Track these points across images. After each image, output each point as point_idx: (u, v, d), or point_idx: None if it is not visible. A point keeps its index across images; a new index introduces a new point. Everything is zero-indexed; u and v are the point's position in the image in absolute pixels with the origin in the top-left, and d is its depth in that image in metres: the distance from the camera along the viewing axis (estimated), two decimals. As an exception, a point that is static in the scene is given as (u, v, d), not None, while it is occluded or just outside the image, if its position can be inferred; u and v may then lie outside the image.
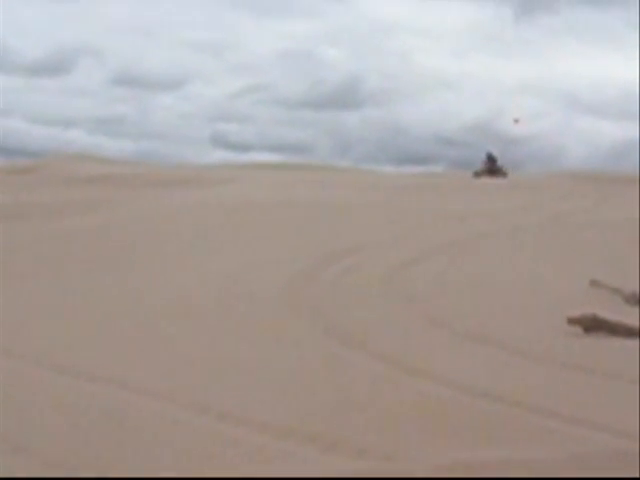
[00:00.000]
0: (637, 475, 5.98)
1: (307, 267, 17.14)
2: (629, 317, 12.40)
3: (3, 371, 9.37)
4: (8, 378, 9.02)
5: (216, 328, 11.97)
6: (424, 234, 21.88)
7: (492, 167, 50.27)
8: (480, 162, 51.64)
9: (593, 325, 11.88)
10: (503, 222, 24.95)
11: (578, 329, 11.82)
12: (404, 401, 8.25)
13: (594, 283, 15.45)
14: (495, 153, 51.60)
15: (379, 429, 7.29)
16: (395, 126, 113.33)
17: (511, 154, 67.98)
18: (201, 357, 10.11)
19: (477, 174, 48.92)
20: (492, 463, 6.37)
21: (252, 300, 14.09)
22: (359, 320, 12.45)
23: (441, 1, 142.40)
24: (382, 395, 8.49)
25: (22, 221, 27.70)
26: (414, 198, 33.23)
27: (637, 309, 13.43)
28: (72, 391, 8.46)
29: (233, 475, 6.10)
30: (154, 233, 23.49)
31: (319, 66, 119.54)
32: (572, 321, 11.91)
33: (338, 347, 10.76)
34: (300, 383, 8.89)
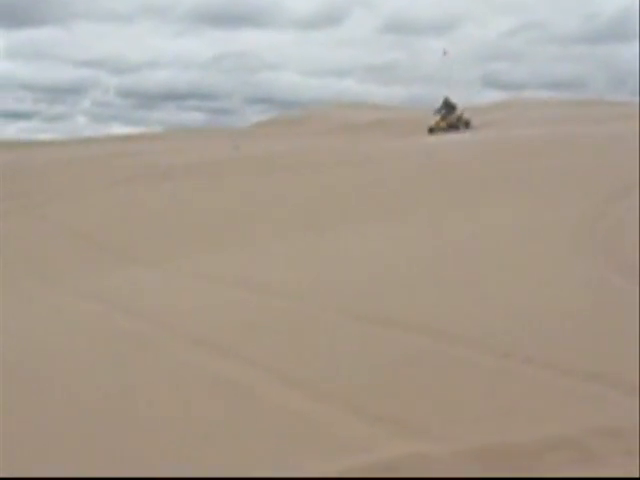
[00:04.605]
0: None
1: (595, 204, 16.55)
2: None
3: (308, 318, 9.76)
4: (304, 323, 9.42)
5: (508, 269, 11.85)
6: None
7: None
8: None
9: None
10: None
11: None
12: None
13: None
14: None
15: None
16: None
17: None
18: (494, 298, 10.03)
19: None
20: None
21: (543, 239, 13.81)
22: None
23: None
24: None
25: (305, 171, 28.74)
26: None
27: None
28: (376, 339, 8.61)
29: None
30: (454, 175, 23.70)
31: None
32: None
33: (634, 286, 10.30)
34: (596, 325, 8.60)
